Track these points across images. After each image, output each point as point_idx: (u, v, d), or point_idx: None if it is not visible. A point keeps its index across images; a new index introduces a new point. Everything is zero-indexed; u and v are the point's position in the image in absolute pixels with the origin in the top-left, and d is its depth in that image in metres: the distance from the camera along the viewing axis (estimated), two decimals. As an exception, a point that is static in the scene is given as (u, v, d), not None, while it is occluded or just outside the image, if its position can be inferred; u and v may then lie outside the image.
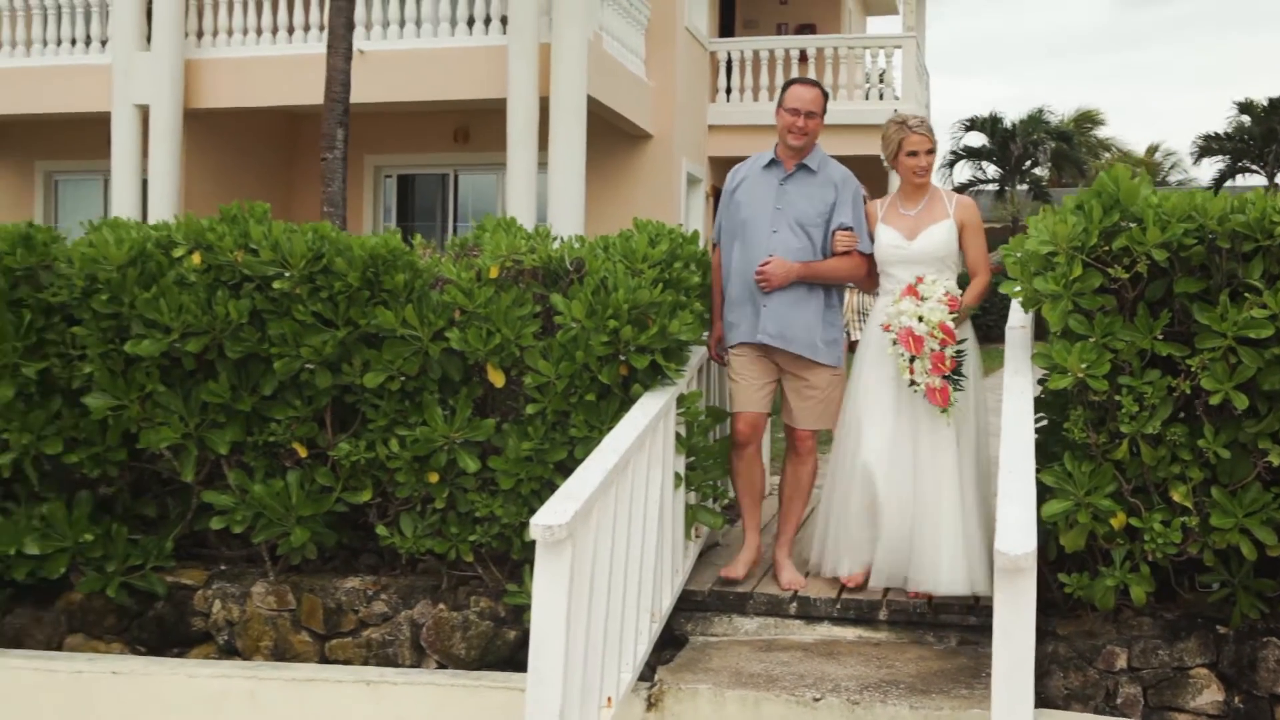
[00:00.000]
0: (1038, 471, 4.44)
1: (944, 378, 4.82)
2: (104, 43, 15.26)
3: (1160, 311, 4.33)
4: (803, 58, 18.24)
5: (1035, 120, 30.15)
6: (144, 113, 14.59)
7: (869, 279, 5.28)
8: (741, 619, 5.02)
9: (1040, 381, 4.69)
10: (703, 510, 5.19)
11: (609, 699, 4.00)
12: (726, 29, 19.90)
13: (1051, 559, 4.68)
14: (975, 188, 31.54)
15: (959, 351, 4.87)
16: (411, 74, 13.58)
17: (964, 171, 31.02)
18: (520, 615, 5.04)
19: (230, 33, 14.71)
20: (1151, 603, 4.63)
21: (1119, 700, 4.58)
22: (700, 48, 17.51)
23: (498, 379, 4.85)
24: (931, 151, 5.09)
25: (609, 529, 3.93)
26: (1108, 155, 41.74)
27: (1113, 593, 4.48)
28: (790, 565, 5.25)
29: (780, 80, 17.89)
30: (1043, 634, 4.69)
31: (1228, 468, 4.32)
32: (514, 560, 5.03)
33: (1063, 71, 79.54)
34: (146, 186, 14.64)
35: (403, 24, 14.02)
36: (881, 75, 18.57)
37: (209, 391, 5.03)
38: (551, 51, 13.03)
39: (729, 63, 18.07)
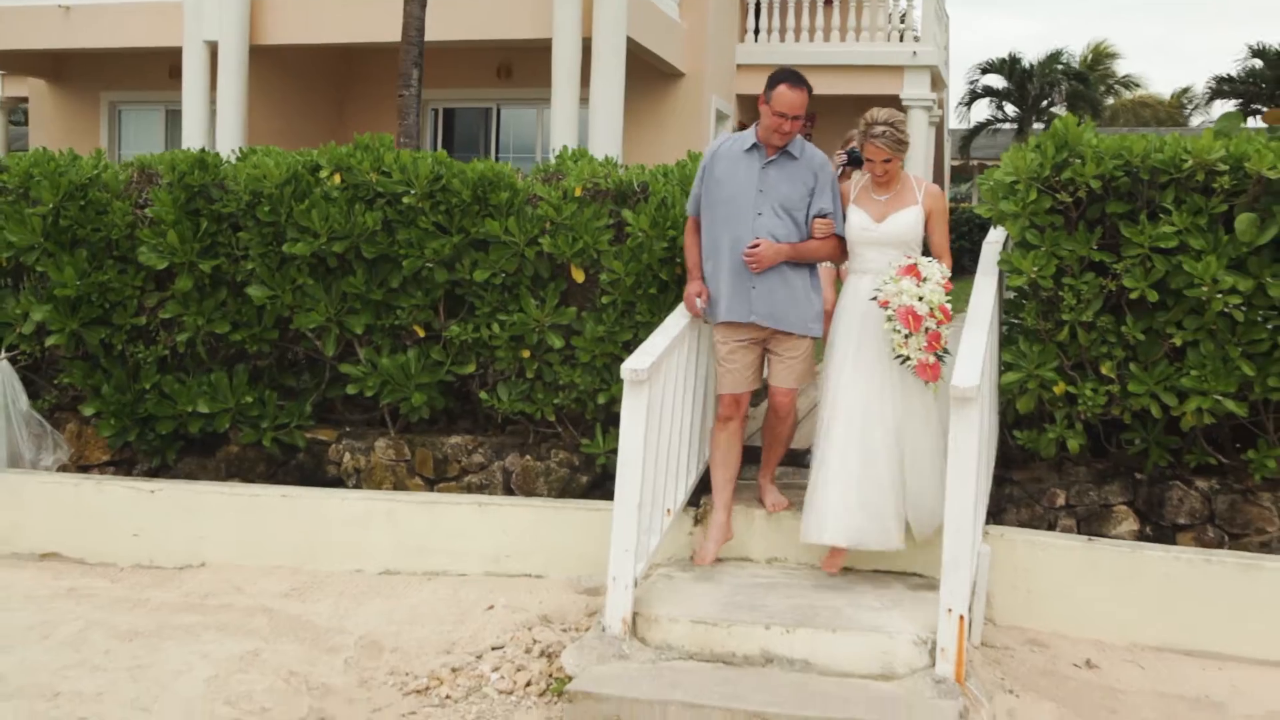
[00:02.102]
0: (1001, 350, 5.78)
1: (936, 355, 5.08)
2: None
3: (1095, 227, 5.60)
4: (827, 1, 19.26)
5: (1053, 60, 30.98)
6: (212, 49, 15.70)
7: (842, 256, 5.57)
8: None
9: (1007, 287, 5.99)
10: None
11: (668, 510, 5.37)
12: (755, -29, 20.92)
13: (1010, 421, 6.01)
14: (993, 126, 32.52)
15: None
16: (462, 14, 14.60)
17: (982, 110, 31.94)
18: (591, 464, 6.40)
19: (296, -28, 15.79)
20: (1085, 455, 5.96)
21: (1058, 529, 5.92)
22: (731, -9, 18.57)
23: (579, 276, 6.17)
24: (889, 161, 5.29)
25: (672, 382, 5.27)
26: (1127, 94, 42.54)
27: (1054, 444, 5.80)
28: (774, 489, 5.69)
29: (806, 23, 18.97)
30: (1001, 480, 6.04)
31: (1143, 348, 5.61)
32: (587, 420, 6.37)
33: (1091, 6, 79.35)
34: (214, 118, 15.79)
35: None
36: (903, 17, 19.56)
37: (348, 284, 6.37)
38: (595, -5, 14.10)
39: (757, 4, 19.11)
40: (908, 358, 5.08)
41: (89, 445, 7.02)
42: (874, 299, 5.16)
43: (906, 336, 5.04)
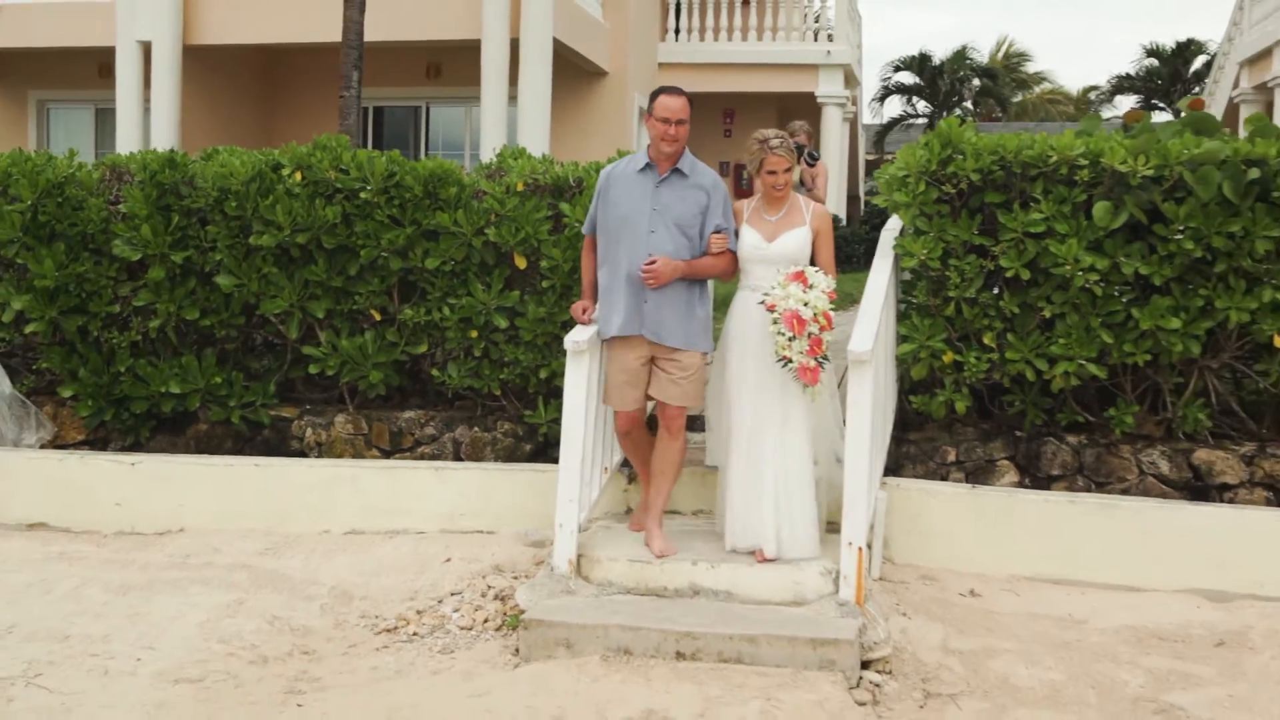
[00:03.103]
0: (898, 324, 6.56)
1: (817, 360, 5.33)
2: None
3: (976, 215, 6.40)
4: (745, 1, 20.07)
5: (961, 58, 32.13)
6: (146, 49, 16.05)
7: (734, 272, 5.76)
8: (692, 432, 7.07)
9: (902, 269, 6.76)
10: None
11: (605, 468, 6.07)
12: (676, -28, 21.65)
13: (906, 388, 6.80)
14: (907, 122, 33.60)
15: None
16: (393, 15, 15.08)
17: (896, 106, 32.97)
18: (534, 433, 7.08)
19: (225, -25, 16.20)
20: (972, 416, 6.77)
21: (949, 482, 6.71)
22: (652, -9, 19.29)
23: (521, 263, 6.85)
24: (789, 169, 5.56)
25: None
26: (1037, 90, 43.96)
27: (944, 407, 6.59)
28: (661, 534, 5.65)
29: (725, 22, 19.75)
30: (899, 440, 6.82)
31: (1019, 320, 6.42)
32: (530, 394, 7.05)
33: (1010, 1, 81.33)
34: (148, 117, 16.12)
35: (384, -34, 15.52)
36: (817, 17, 20.43)
37: (310, 273, 6.99)
38: (521, -2, 14.73)
39: (678, 5, 19.85)
40: (790, 360, 5.31)
41: (65, 426, 7.56)
42: (761, 302, 5.39)
43: (790, 339, 5.26)
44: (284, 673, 5.07)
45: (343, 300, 7.07)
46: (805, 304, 5.28)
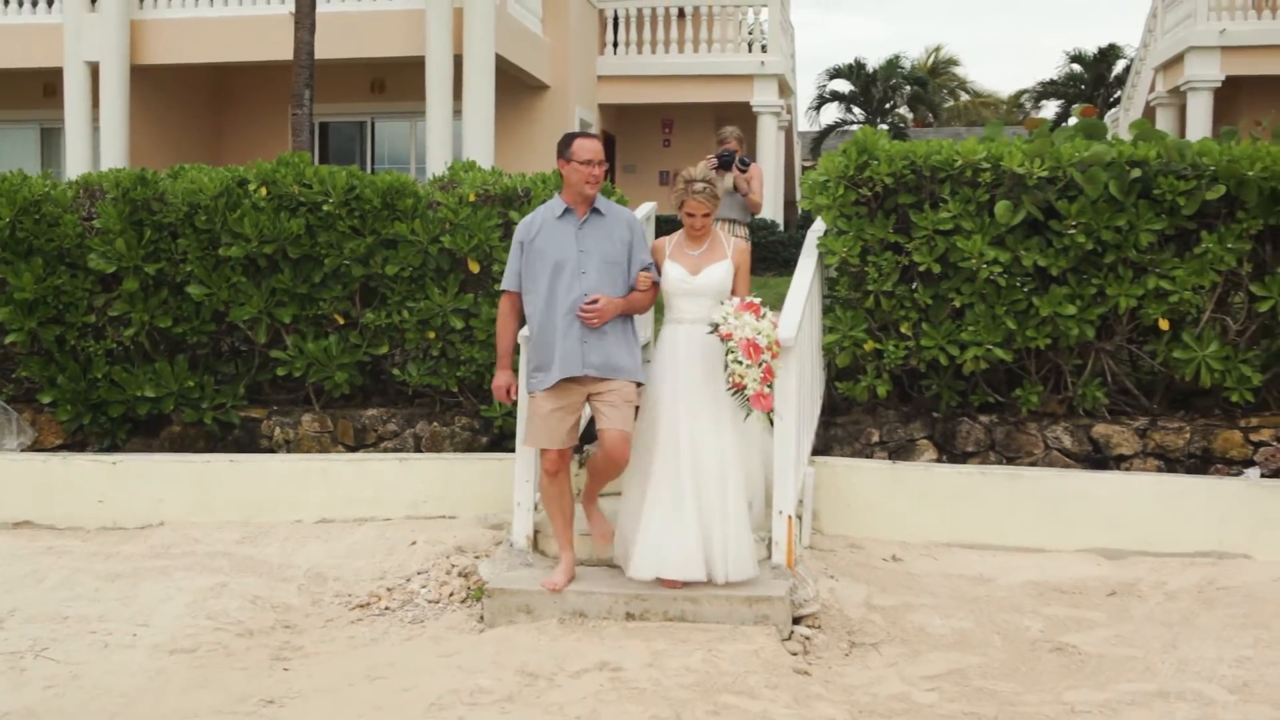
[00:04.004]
0: (823, 317, 7.16)
1: (768, 386, 5.49)
2: (50, 3, 17.01)
3: (891, 215, 7.02)
4: (680, 14, 20.66)
5: (893, 66, 33.01)
6: (93, 69, 16.37)
7: (651, 305, 5.97)
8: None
9: (826, 267, 7.36)
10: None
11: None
12: (613, -12, 22.23)
13: (832, 376, 7.40)
14: (842, 128, 34.42)
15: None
16: (339, 33, 15.43)
17: (831, 114, 33.76)
18: (490, 426, 7.60)
19: (171, -5, 16.56)
20: (893, 399, 7.38)
21: (873, 460, 7.32)
22: (590, 7, 19.79)
23: (475, 267, 7.37)
24: (709, 214, 5.71)
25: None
26: (966, 96, 45.09)
27: (867, 392, 7.19)
28: (603, 516, 5.90)
29: (661, 35, 20.32)
30: (827, 424, 7.42)
31: (932, 310, 7.04)
32: (485, 389, 7.55)
33: (946, 7, 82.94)
34: (96, 136, 16.41)
35: (329, -12, 15.92)
36: (750, 29, 21.08)
37: (276, 281, 7.46)
38: (464, 15, 15.17)
39: (615, 19, 20.41)
40: (744, 388, 5.42)
41: (43, 431, 7.98)
42: (713, 332, 5.49)
43: (747, 367, 5.39)
44: (269, 643, 5.57)
45: (308, 306, 7.54)
46: (759, 333, 5.44)
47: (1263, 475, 6.84)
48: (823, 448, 7.31)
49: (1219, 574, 6.18)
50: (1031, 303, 6.89)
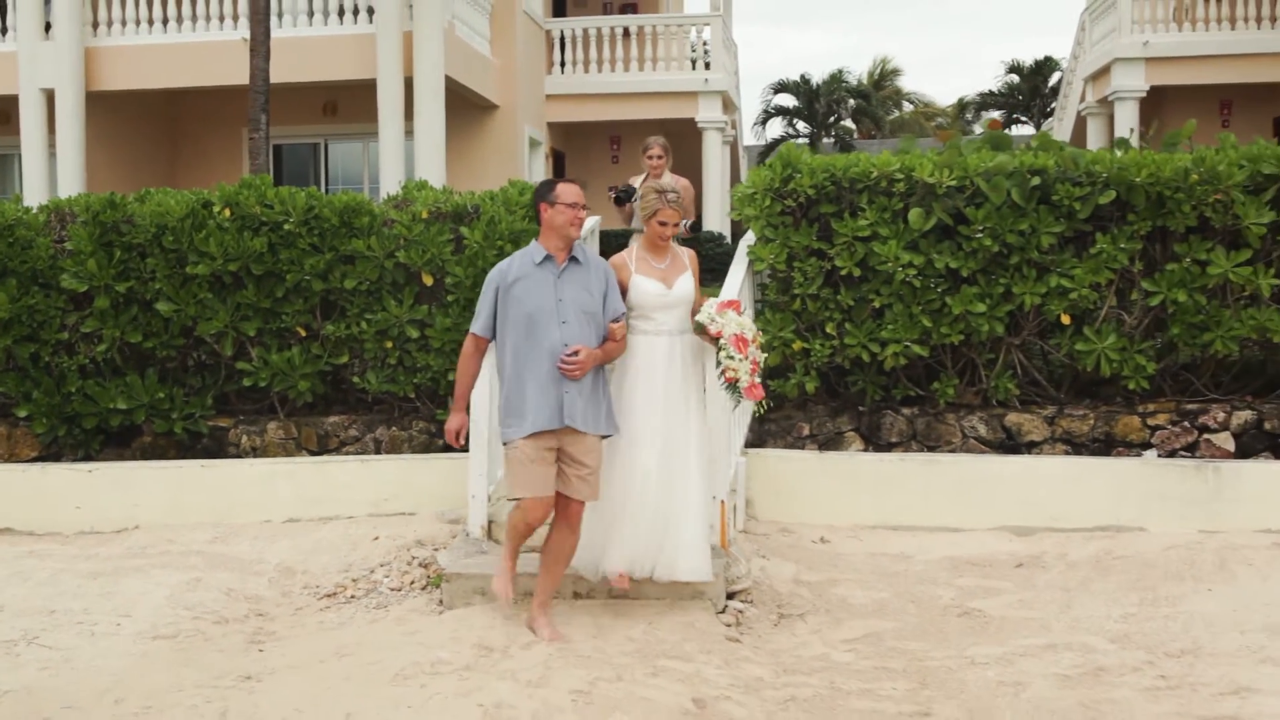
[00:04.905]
0: (754, 319, 7.69)
1: (757, 376, 5.69)
2: (4, 31, 17.31)
3: (814, 224, 7.58)
4: (626, 34, 21.24)
5: (836, 80, 33.78)
6: (49, 96, 16.68)
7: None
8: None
9: (756, 273, 7.91)
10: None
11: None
12: (559, 8, 22.75)
13: (764, 374, 7.92)
14: (787, 142, 35.19)
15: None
16: (292, 58, 15.81)
17: (776, 128, 34.48)
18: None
19: (124, 23, 16.89)
20: (821, 395, 7.94)
21: (803, 450, 7.87)
22: (537, 27, 20.30)
23: (429, 280, 7.87)
24: (678, 224, 5.81)
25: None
26: (910, 107, 46.01)
27: (796, 388, 7.74)
28: (548, 622, 5.62)
29: (608, 54, 20.88)
30: (761, 420, 7.95)
31: (854, 311, 7.60)
32: (441, 395, 8.05)
33: (892, 19, 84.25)
34: (53, 163, 16.72)
35: (280, 15, 16.30)
36: (694, 47, 21.69)
37: (241, 296, 7.93)
38: (414, 40, 15.64)
39: (562, 39, 20.95)
40: (737, 381, 5.60)
41: (18, 444, 8.39)
42: (700, 332, 5.68)
43: (739, 361, 5.57)
44: (244, 630, 6.03)
45: (271, 320, 8.01)
46: (743, 327, 5.65)
47: (1159, 456, 7.44)
48: (757, 441, 7.85)
49: (1116, 545, 6.77)
50: (945, 302, 7.46)
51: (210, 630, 5.97)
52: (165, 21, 16.97)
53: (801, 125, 35.08)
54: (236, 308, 7.97)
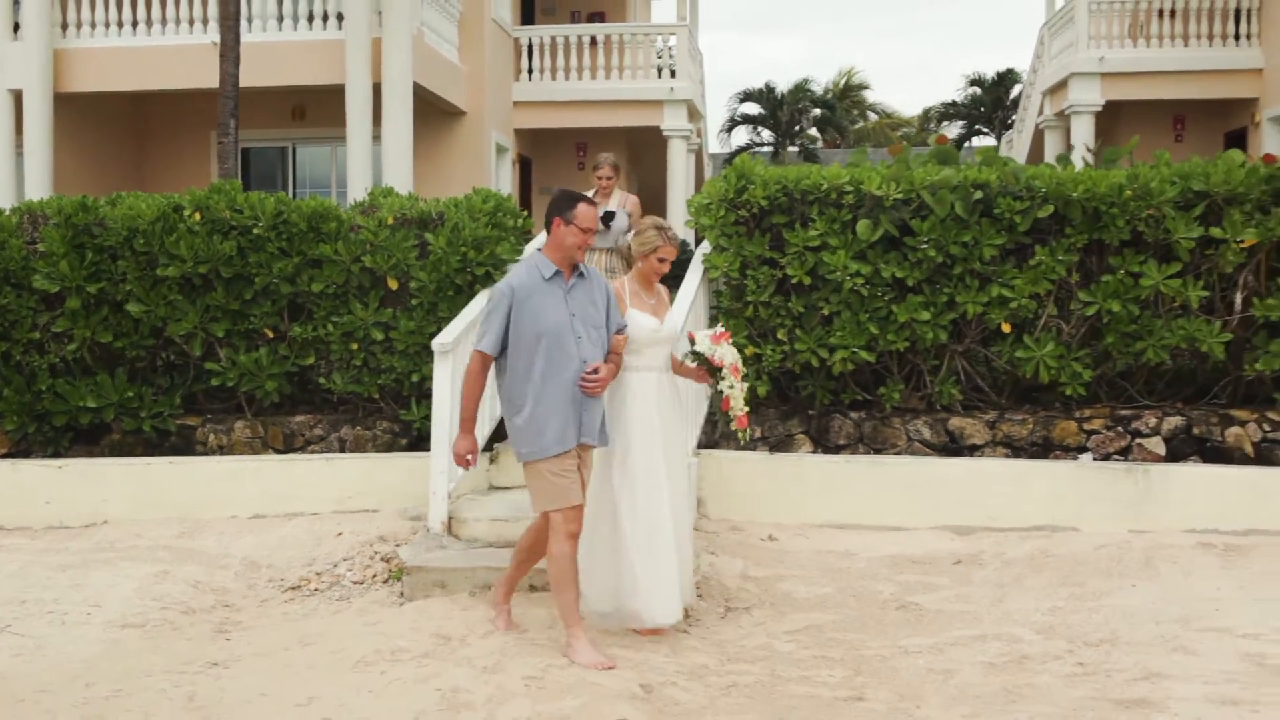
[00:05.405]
0: (709, 325, 7.97)
1: (746, 405, 5.86)
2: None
3: (767, 233, 7.87)
4: (593, 42, 21.51)
5: (800, 89, 34.20)
6: (17, 97, 16.75)
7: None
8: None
9: (712, 280, 8.19)
10: (519, 363, 8.53)
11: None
12: (527, 16, 22.98)
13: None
14: (753, 150, 35.59)
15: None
16: (262, 62, 15.95)
17: (741, 136, 34.84)
18: (409, 429, 8.32)
19: (94, 25, 17.00)
20: (773, 399, 8.23)
21: (755, 452, 8.15)
22: (505, 35, 20.54)
23: (394, 284, 8.11)
24: (672, 261, 5.80)
25: (468, 356, 7.25)
26: (874, 118, 46.57)
27: (749, 392, 8.01)
28: (508, 611, 5.77)
29: (575, 62, 21.12)
30: (714, 423, 8.23)
31: (804, 318, 7.89)
32: (404, 396, 8.29)
33: (863, 27, 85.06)
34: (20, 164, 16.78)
35: (249, 20, 16.41)
36: (660, 55, 21.98)
37: (211, 298, 8.14)
38: (382, 46, 15.81)
39: (530, 47, 21.19)
40: (733, 409, 5.73)
41: (-11, 441, 8.56)
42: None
43: (736, 390, 5.70)
44: (211, 619, 6.25)
45: (240, 321, 8.22)
46: (736, 359, 5.80)
47: (1094, 459, 7.78)
48: (710, 443, 8.12)
49: (1050, 544, 7.08)
50: (891, 310, 7.77)
51: (178, 620, 6.19)
52: (134, 24, 17.06)
53: (766, 133, 35.55)
54: (206, 309, 8.18)
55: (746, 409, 5.86)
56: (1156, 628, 5.64)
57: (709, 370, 5.85)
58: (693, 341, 5.88)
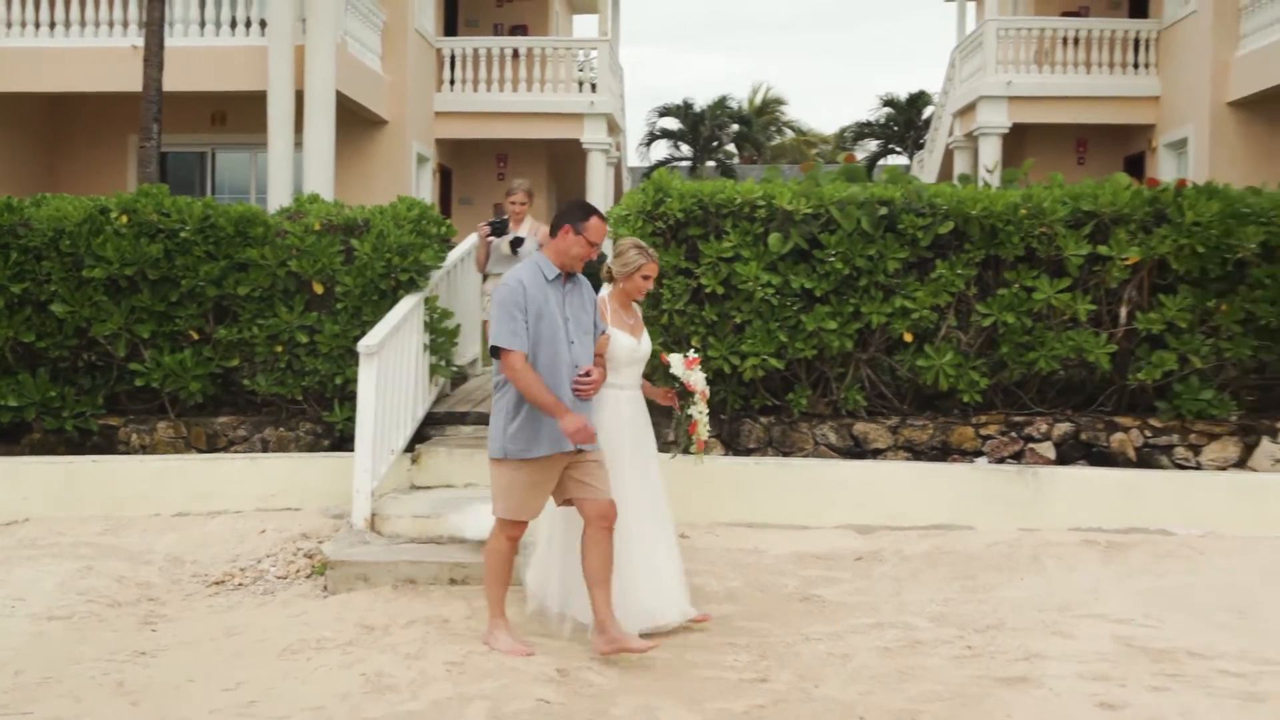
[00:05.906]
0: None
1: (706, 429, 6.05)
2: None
3: (683, 244, 8.20)
4: (515, 55, 21.77)
5: (720, 106, 34.74)
6: (-75, 100, 16.59)
7: None
8: (463, 425, 8.64)
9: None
10: (438, 367, 8.76)
11: (393, 450, 7.57)
12: (450, 27, 23.19)
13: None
14: (671, 164, 36.04)
15: None
16: (183, 67, 15.91)
17: (660, 150, 35.27)
18: (331, 431, 8.50)
19: (9, 25, 16.83)
20: (687, 403, 8.53)
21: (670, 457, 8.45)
22: (428, 45, 20.73)
23: (319, 289, 8.30)
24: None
25: (394, 357, 7.50)
26: (791, 134, 47.34)
27: (665, 397, 8.33)
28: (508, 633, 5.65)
29: (496, 74, 21.33)
30: (631, 425, 8.51)
31: (718, 326, 8.22)
32: (328, 398, 8.47)
33: (788, 44, 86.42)
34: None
35: (172, 24, 16.37)
36: (581, 68, 22.30)
37: (136, 300, 8.26)
38: (306, 54, 15.90)
39: (452, 58, 21.40)
40: (696, 434, 5.97)
41: (-92, 439, 8.57)
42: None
43: (703, 415, 5.93)
44: (136, 612, 6.40)
45: (165, 323, 8.35)
46: (706, 383, 6.07)
47: (989, 463, 8.21)
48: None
49: (946, 542, 7.48)
50: (800, 319, 8.13)
51: (104, 613, 6.32)
52: (52, 25, 16.98)
53: (685, 148, 36.01)
54: (131, 311, 8.30)
55: (710, 433, 6.06)
56: (1039, 615, 6.05)
57: (679, 393, 6.03)
58: (667, 365, 6.03)
